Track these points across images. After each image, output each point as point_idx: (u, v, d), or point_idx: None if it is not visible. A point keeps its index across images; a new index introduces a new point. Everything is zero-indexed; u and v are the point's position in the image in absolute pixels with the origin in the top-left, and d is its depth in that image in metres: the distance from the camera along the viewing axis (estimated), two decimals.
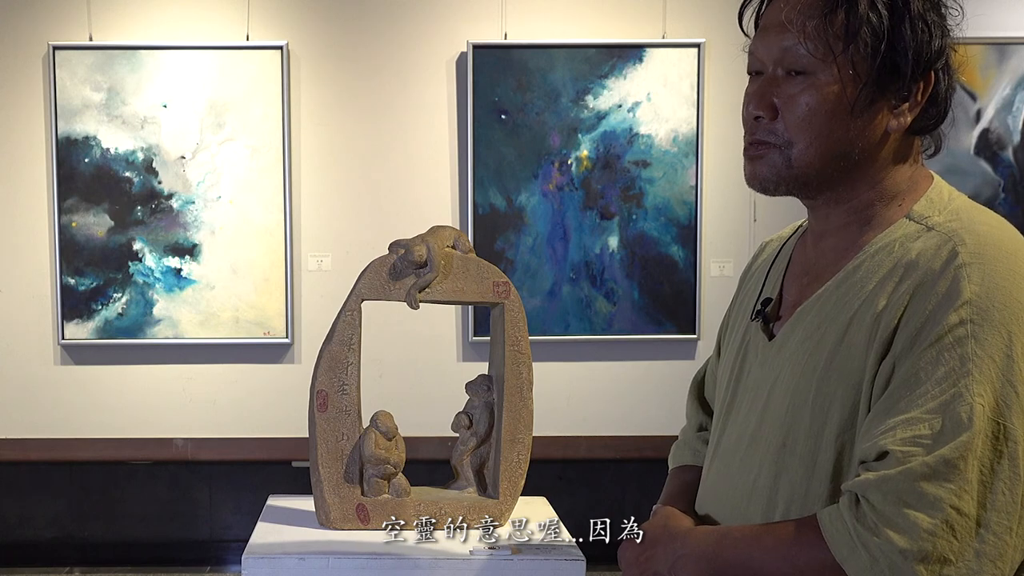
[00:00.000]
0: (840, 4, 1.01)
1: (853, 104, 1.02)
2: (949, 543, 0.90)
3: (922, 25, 1.01)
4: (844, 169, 1.05)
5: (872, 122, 1.03)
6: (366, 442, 2.04)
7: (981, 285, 0.93)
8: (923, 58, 1.02)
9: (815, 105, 1.02)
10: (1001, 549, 0.90)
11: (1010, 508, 0.90)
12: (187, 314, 3.71)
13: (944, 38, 1.03)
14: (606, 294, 3.77)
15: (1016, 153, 3.79)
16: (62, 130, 3.64)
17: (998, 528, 0.90)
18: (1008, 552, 0.91)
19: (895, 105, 1.04)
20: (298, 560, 1.88)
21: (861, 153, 1.04)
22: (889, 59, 1.01)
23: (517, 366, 2.08)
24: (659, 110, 3.72)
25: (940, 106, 1.06)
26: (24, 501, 3.97)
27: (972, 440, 0.90)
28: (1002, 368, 0.91)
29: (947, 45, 1.03)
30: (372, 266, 2.05)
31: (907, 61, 1.01)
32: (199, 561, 3.97)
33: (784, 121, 1.05)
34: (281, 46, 3.65)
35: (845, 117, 1.02)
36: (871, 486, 0.93)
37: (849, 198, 1.08)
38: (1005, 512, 0.90)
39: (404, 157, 3.77)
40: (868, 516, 0.93)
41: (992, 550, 0.90)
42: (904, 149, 1.08)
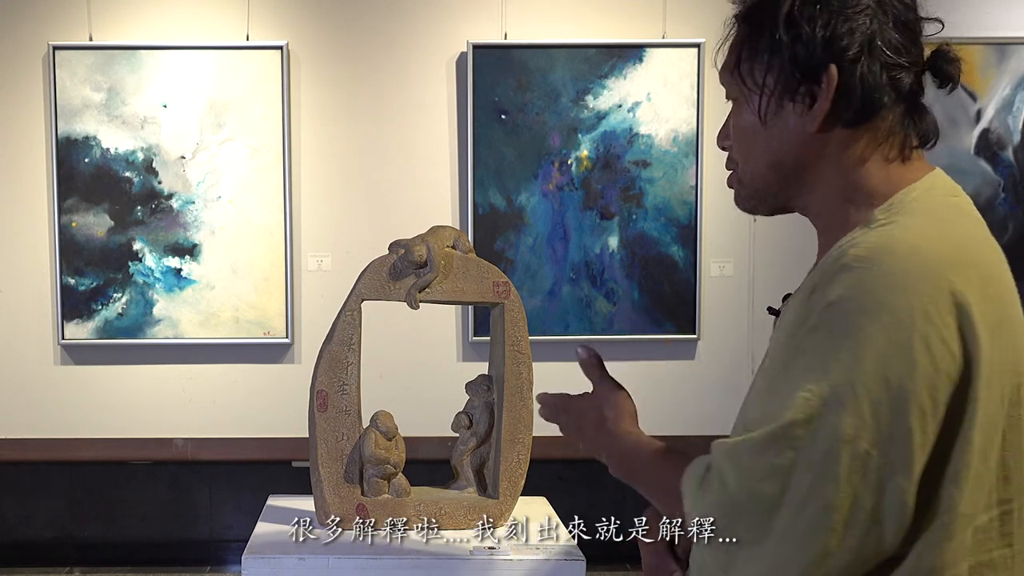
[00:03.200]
0: (732, 32, 1.10)
1: (761, 116, 1.07)
2: (739, 520, 0.96)
3: (796, 29, 1.02)
4: (787, 177, 1.09)
5: (787, 128, 1.06)
6: (366, 442, 2.05)
7: (849, 288, 0.94)
8: (803, 58, 1.03)
9: (741, 125, 1.10)
10: (799, 539, 0.93)
11: (819, 502, 0.92)
12: (187, 314, 3.71)
13: (843, 26, 1.01)
14: (606, 294, 3.77)
15: (1016, 153, 3.79)
16: (62, 130, 3.64)
17: (798, 519, 0.93)
18: (809, 543, 0.93)
19: (807, 106, 1.05)
20: (298, 560, 1.88)
21: (792, 158, 1.07)
22: (773, 68, 1.04)
23: (517, 366, 2.08)
24: (659, 110, 3.72)
25: (863, 95, 1.02)
26: (24, 501, 3.97)
27: (784, 429, 0.93)
28: (846, 368, 0.92)
29: (855, 32, 1.01)
30: (372, 266, 2.05)
31: (789, 66, 1.03)
32: (199, 561, 3.97)
33: (733, 146, 1.14)
34: (281, 46, 3.65)
35: (761, 129, 1.08)
36: (715, 448, 1.01)
37: (817, 201, 1.10)
38: (811, 505, 0.92)
39: (404, 157, 3.77)
40: (707, 474, 1.01)
41: (786, 537, 0.93)
42: (854, 144, 1.06)
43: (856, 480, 0.91)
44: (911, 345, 0.91)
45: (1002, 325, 0.97)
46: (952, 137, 3.77)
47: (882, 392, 0.91)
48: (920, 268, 0.94)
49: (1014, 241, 3.82)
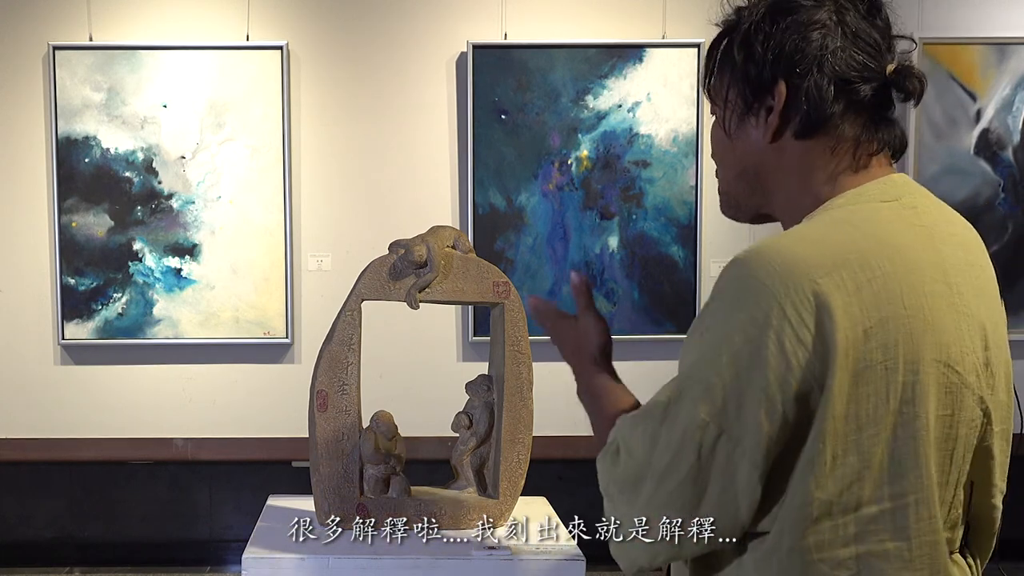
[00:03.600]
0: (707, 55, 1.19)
1: (727, 130, 1.15)
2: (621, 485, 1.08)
3: (747, 48, 1.11)
4: (750, 186, 1.16)
5: (747, 139, 1.14)
6: (366, 442, 2.05)
7: (719, 286, 1.04)
8: (754, 76, 1.10)
9: (714, 137, 1.19)
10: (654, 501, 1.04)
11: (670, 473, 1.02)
12: (187, 314, 3.71)
13: (789, 43, 1.08)
14: (606, 294, 3.77)
15: (1016, 153, 3.79)
16: (62, 130, 3.64)
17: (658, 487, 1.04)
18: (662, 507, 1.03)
19: (764, 119, 1.11)
20: (298, 560, 1.88)
21: (753, 168, 1.15)
22: (733, 86, 1.13)
23: (517, 366, 2.08)
24: (659, 110, 3.72)
25: (809, 107, 1.08)
26: (24, 501, 3.97)
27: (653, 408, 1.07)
28: (705, 355, 1.02)
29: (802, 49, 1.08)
30: (372, 266, 2.05)
31: (742, 83, 1.12)
32: (199, 561, 3.97)
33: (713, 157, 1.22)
34: (281, 46, 3.65)
35: (727, 142, 1.16)
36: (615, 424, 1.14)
37: (776, 211, 1.17)
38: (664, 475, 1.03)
39: (404, 157, 3.77)
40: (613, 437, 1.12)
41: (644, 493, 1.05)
42: (807, 154, 1.11)
43: (708, 459, 1.01)
44: (764, 342, 0.98)
45: (887, 325, 1.00)
46: (952, 137, 3.77)
47: (733, 383, 1.00)
48: (784, 270, 0.99)
49: (1014, 241, 3.82)
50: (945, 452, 1.04)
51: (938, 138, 3.76)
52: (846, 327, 0.98)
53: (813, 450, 0.99)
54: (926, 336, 1.01)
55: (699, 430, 1.01)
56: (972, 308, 1.07)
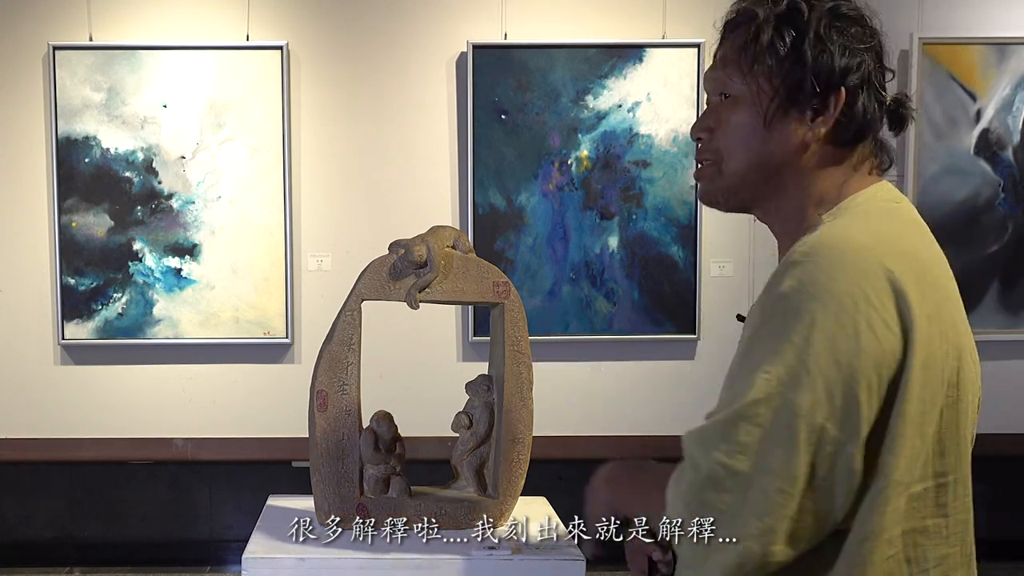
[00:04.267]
0: (751, 35, 1.15)
1: (766, 117, 1.14)
2: (716, 495, 1.03)
3: (822, 46, 1.11)
4: (767, 177, 1.17)
5: (787, 133, 1.14)
6: (366, 442, 2.05)
7: (798, 279, 1.03)
8: (824, 75, 1.12)
9: (737, 121, 1.17)
10: (768, 507, 1.01)
11: (784, 472, 1.00)
12: (187, 314, 3.71)
13: (855, 58, 1.12)
14: (606, 294, 3.77)
15: (1016, 153, 3.79)
16: (62, 130, 3.64)
17: (768, 487, 1.01)
18: (780, 511, 1.01)
19: (810, 118, 1.14)
20: (298, 560, 1.88)
21: (780, 161, 1.16)
22: (791, 76, 1.12)
23: (517, 366, 2.08)
24: (659, 110, 3.72)
25: (858, 121, 1.14)
26: (24, 501, 3.97)
27: (745, 408, 1.02)
28: (799, 350, 1.01)
29: (862, 66, 1.12)
30: (372, 266, 2.05)
31: (807, 78, 1.12)
32: (199, 561, 3.97)
33: (717, 139, 1.20)
34: (281, 46, 3.65)
35: (761, 129, 1.15)
36: (683, 441, 1.09)
37: (782, 206, 1.19)
38: (777, 475, 1.00)
39: (404, 157, 3.77)
40: (678, 468, 1.09)
41: (758, 507, 1.01)
42: (833, 159, 1.16)
43: (812, 451, 1.00)
44: (857, 327, 1.00)
45: (940, 313, 1.06)
46: (952, 137, 3.77)
47: (833, 371, 1.00)
48: (859, 257, 1.03)
49: (1014, 241, 3.82)
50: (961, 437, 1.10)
51: (938, 138, 3.76)
52: (918, 312, 1.02)
53: (895, 431, 1.02)
54: (959, 325, 1.08)
55: (802, 421, 1.01)
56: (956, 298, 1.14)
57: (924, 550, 1.07)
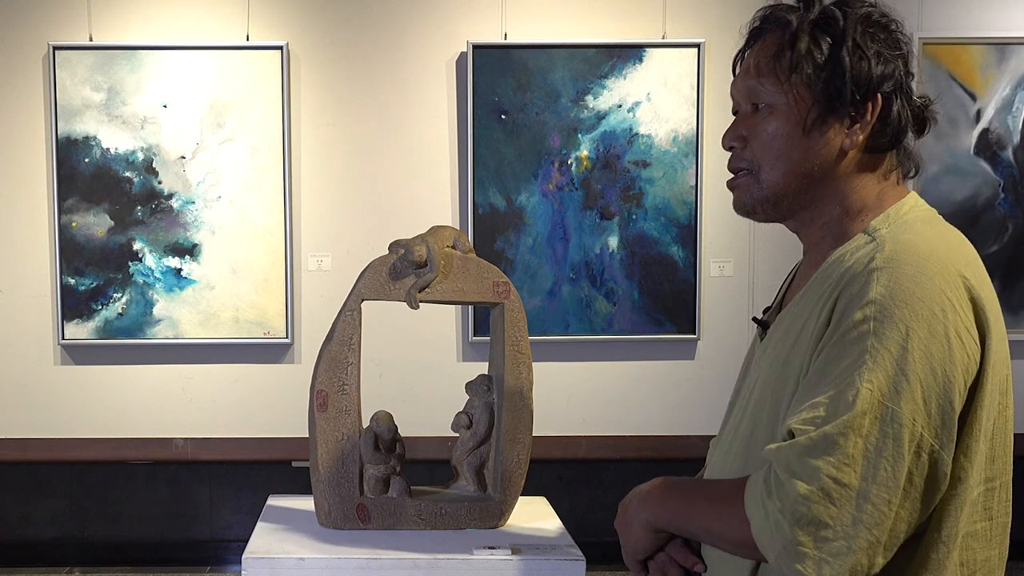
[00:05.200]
0: (786, 42, 1.15)
1: (805, 125, 1.14)
2: (826, 508, 1.01)
3: (860, 53, 1.12)
4: (807, 186, 1.17)
5: (826, 141, 1.14)
6: (366, 442, 2.04)
7: (886, 286, 1.03)
8: (863, 83, 1.12)
9: (774, 130, 1.16)
10: (878, 518, 1.00)
11: (891, 483, 1.00)
12: (187, 314, 3.71)
13: (889, 65, 1.13)
14: (606, 294, 3.77)
15: (1016, 153, 3.79)
16: (62, 130, 3.65)
17: (877, 499, 1.00)
18: (887, 522, 1.01)
19: (847, 125, 1.14)
20: (298, 560, 1.88)
21: (820, 169, 1.16)
22: (830, 84, 1.13)
23: (517, 366, 2.08)
24: (659, 110, 3.72)
25: (893, 127, 1.14)
26: (24, 501, 3.97)
27: (854, 420, 1.01)
28: (897, 359, 1.01)
29: (895, 72, 1.13)
30: (372, 266, 2.05)
31: (846, 85, 1.12)
32: (199, 561, 3.97)
33: (752, 148, 1.19)
34: (281, 46, 3.65)
35: (800, 138, 1.15)
36: (773, 455, 1.05)
37: (819, 215, 1.19)
38: (885, 486, 1.00)
39: (404, 157, 3.77)
40: (771, 480, 1.05)
41: (869, 518, 1.00)
42: (867, 166, 1.17)
43: (912, 459, 1.01)
44: (947, 334, 1.02)
45: (998, 321, 1.08)
46: (952, 137, 3.77)
47: (930, 379, 1.01)
48: (939, 265, 1.04)
49: (1014, 241, 3.82)
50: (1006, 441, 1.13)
51: (938, 138, 3.75)
52: (990, 319, 1.06)
53: (970, 437, 1.05)
54: (1004, 332, 1.10)
55: (905, 430, 1.01)
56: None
57: (974, 552, 1.09)
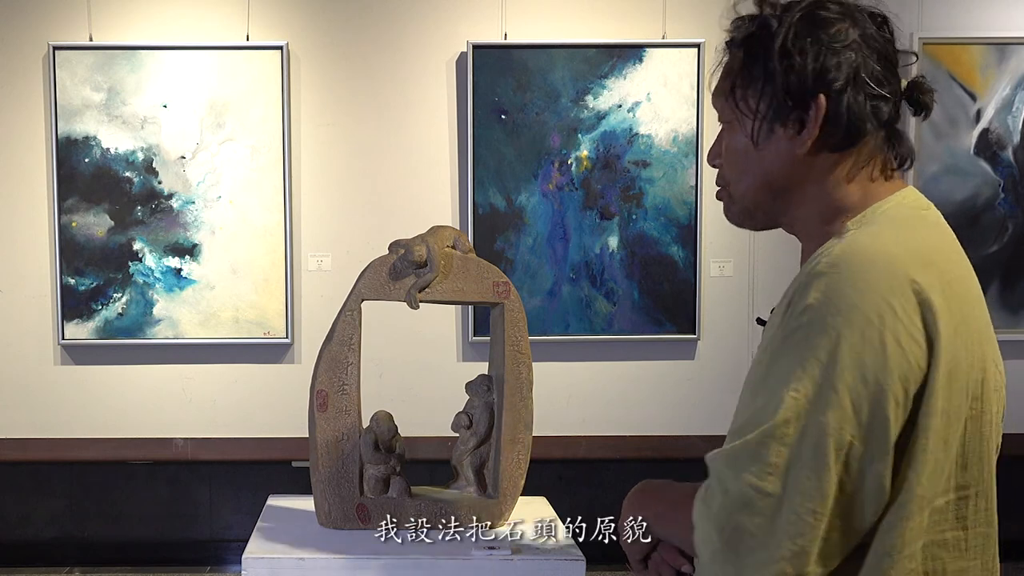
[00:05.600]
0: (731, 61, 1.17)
1: (754, 139, 1.15)
2: (749, 518, 1.02)
3: (789, 61, 1.10)
4: (774, 196, 1.17)
5: (778, 151, 1.14)
6: (366, 442, 2.05)
7: (823, 292, 1.02)
8: (796, 87, 1.10)
9: (734, 146, 1.18)
10: (802, 528, 1.00)
11: (815, 492, 0.99)
12: (187, 314, 3.71)
13: (832, 59, 1.09)
14: (606, 294, 3.77)
15: (1016, 153, 3.79)
16: (62, 130, 3.64)
17: (800, 509, 1.00)
18: (812, 531, 1.00)
19: (796, 131, 1.12)
20: (298, 560, 1.88)
21: (782, 179, 1.16)
22: (767, 95, 1.12)
23: (517, 366, 2.08)
24: (659, 110, 3.72)
25: (847, 124, 1.11)
26: (24, 501, 3.97)
27: (776, 429, 1.01)
28: (824, 366, 1.00)
29: (842, 67, 1.09)
30: (372, 266, 2.05)
31: (783, 94, 1.11)
32: (199, 561, 3.97)
33: (724, 165, 1.22)
34: (281, 46, 3.65)
35: (755, 152, 1.16)
36: (710, 462, 1.07)
37: (798, 220, 1.18)
38: (808, 495, 1.00)
39: (404, 157, 3.77)
40: (707, 487, 1.07)
41: (792, 528, 1.00)
42: (835, 166, 1.14)
43: (841, 469, 1.00)
44: (883, 341, 0.99)
45: (967, 322, 1.05)
46: (952, 137, 3.77)
47: (860, 387, 0.99)
48: (885, 269, 1.02)
49: (1014, 241, 3.82)
50: (996, 447, 1.11)
51: (938, 138, 3.76)
52: (944, 323, 1.02)
53: (917, 447, 1.02)
54: (984, 336, 1.08)
55: (831, 439, 1.00)
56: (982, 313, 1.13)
57: (943, 563, 1.07)
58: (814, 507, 0.99)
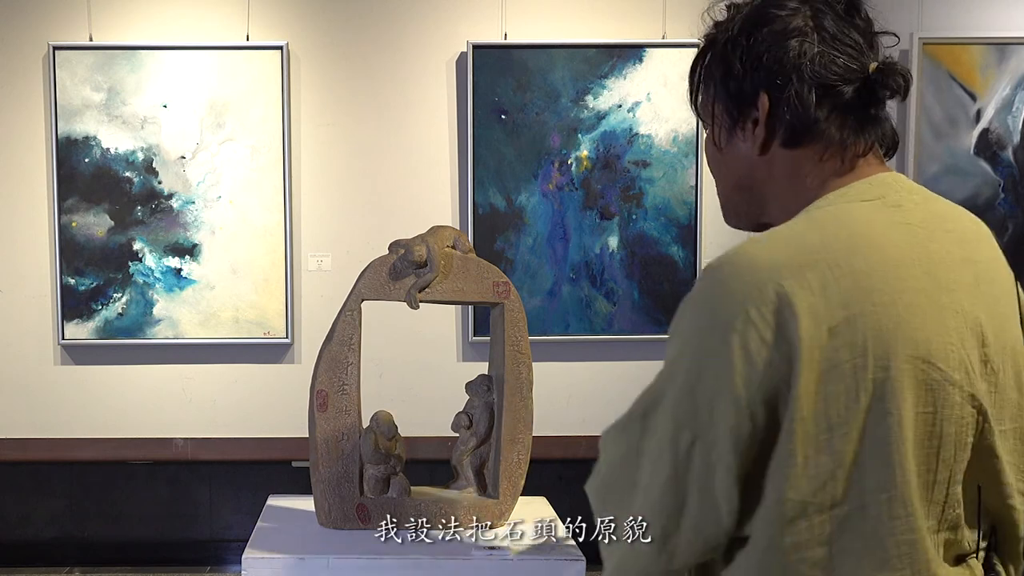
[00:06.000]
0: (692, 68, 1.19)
1: (718, 144, 1.17)
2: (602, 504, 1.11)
3: (723, 66, 1.12)
4: (746, 198, 1.18)
5: (737, 152, 1.15)
6: (366, 442, 2.05)
7: (690, 294, 1.06)
8: (736, 89, 1.11)
9: (707, 151, 1.21)
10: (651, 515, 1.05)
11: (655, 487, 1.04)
12: (187, 314, 3.71)
13: (769, 55, 1.08)
14: (606, 294, 3.77)
15: (1016, 153, 3.79)
16: (62, 130, 3.65)
17: (644, 503, 1.05)
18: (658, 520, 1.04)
19: (750, 131, 1.13)
20: (298, 560, 1.88)
21: (746, 179, 1.16)
22: (719, 102, 1.14)
23: (517, 366, 2.08)
24: (659, 110, 3.72)
25: (788, 116, 1.09)
26: (24, 501, 3.97)
27: (629, 419, 1.10)
28: (673, 365, 1.05)
29: (778, 60, 1.08)
30: (372, 266, 2.05)
31: (726, 97, 1.13)
32: (199, 561, 3.97)
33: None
34: (281, 46, 3.65)
35: (720, 156, 1.18)
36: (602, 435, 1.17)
37: (773, 219, 1.16)
38: (649, 489, 1.05)
39: (404, 157, 3.78)
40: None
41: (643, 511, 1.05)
42: (794, 160, 1.12)
43: (685, 467, 1.02)
44: (730, 346, 0.99)
45: (854, 322, 0.99)
46: (952, 137, 3.77)
47: (703, 388, 1.01)
48: (750, 273, 1.01)
49: (1014, 241, 3.82)
50: (930, 450, 1.01)
51: (938, 138, 3.76)
52: (809, 327, 0.97)
53: (784, 451, 0.99)
54: (899, 332, 0.99)
55: (674, 438, 1.02)
56: (965, 304, 1.05)
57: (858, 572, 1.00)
58: (658, 497, 1.03)
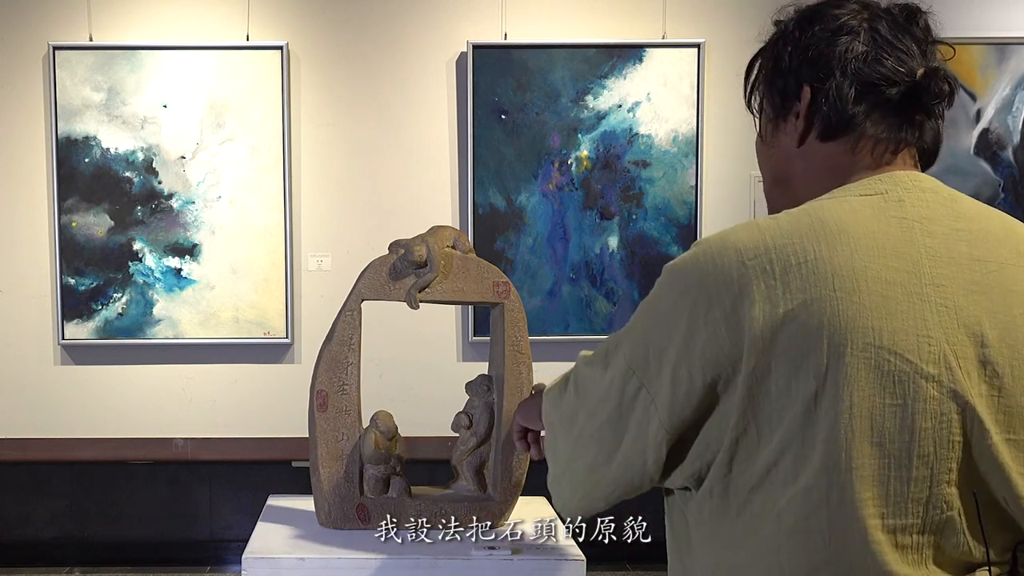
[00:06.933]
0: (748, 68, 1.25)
1: (764, 137, 1.21)
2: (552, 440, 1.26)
3: (774, 61, 1.17)
4: (784, 190, 1.20)
5: (781, 145, 1.19)
6: (366, 442, 2.04)
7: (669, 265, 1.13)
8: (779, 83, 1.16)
9: (756, 147, 1.25)
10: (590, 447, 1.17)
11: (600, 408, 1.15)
12: (187, 314, 3.71)
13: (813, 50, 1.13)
14: (606, 294, 3.77)
15: (1016, 153, 3.79)
16: (62, 130, 3.64)
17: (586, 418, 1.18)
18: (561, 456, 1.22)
19: (792, 124, 1.17)
20: (298, 560, 1.88)
21: (783, 173, 1.20)
22: (767, 94, 1.19)
23: (517, 366, 2.08)
24: (659, 110, 3.72)
25: (830, 109, 1.12)
26: (24, 501, 3.97)
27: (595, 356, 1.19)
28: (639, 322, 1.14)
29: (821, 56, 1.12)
30: (372, 266, 2.05)
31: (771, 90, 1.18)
32: (199, 561, 3.97)
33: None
34: (281, 46, 3.65)
35: (766, 149, 1.22)
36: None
37: None
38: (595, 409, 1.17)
39: (404, 157, 3.78)
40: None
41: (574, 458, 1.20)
42: (828, 155, 1.14)
43: (628, 407, 1.12)
44: (684, 313, 1.07)
45: (810, 307, 1.00)
46: (952, 137, 3.77)
47: (656, 345, 1.09)
48: (718, 253, 1.06)
49: None
50: (901, 444, 1.00)
51: None
52: (763, 309, 1.01)
53: (738, 429, 1.04)
54: (860, 319, 0.99)
55: (624, 379, 1.12)
56: (960, 302, 1.03)
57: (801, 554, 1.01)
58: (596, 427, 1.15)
